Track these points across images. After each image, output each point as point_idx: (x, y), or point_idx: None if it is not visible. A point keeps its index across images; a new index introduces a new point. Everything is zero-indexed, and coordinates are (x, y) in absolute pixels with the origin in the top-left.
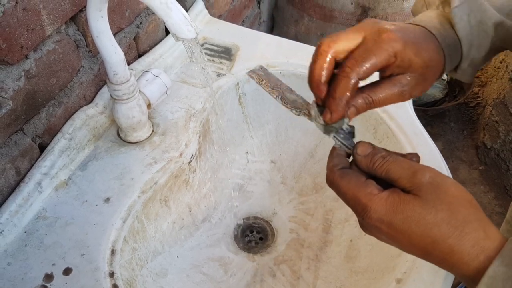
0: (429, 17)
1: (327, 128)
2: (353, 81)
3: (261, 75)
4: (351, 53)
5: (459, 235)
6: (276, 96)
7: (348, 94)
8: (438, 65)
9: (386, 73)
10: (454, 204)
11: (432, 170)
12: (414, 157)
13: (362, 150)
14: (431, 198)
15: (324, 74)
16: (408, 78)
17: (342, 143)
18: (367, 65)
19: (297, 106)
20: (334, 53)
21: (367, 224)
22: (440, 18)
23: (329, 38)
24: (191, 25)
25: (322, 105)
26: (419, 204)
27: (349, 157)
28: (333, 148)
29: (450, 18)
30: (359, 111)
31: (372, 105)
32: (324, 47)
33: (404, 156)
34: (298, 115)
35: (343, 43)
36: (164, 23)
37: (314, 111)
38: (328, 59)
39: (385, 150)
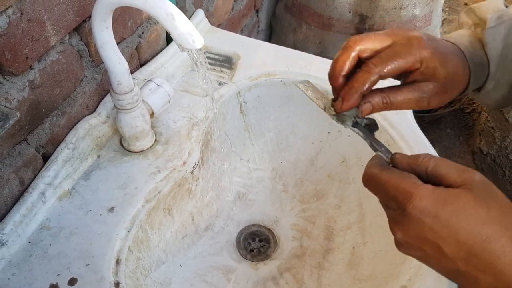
0: (460, 35)
1: (340, 117)
2: (373, 77)
3: (307, 87)
4: (377, 53)
5: (511, 235)
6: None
7: (364, 87)
8: (462, 79)
9: (409, 79)
10: (504, 206)
11: (479, 172)
12: None
13: (401, 155)
14: (484, 194)
15: (345, 68)
16: (430, 87)
17: (359, 134)
18: (392, 65)
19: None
20: (359, 50)
21: (406, 216)
22: (471, 37)
23: (358, 36)
24: (196, 35)
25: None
26: (472, 198)
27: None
28: (374, 155)
29: (482, 38)
30: (374, 109)
31: (388, 105)
32: (351, 43)
33: None
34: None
35: (371, 42)
36: (170, 34)
37: (327, 102)
38: (352, 54)
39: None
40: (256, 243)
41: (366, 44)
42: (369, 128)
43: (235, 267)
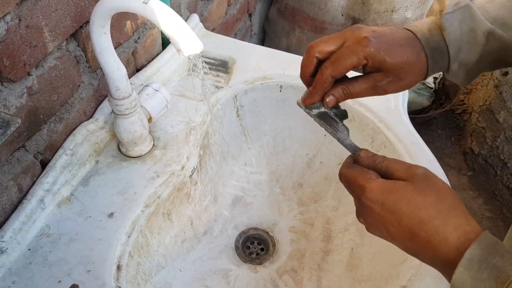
0: (422, 22)
1: (307, 108)
2: (326, 77)
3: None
4: (332, 53)
5: (444, 218)
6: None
7: (324, 86)
8: (416, 67)
9: (365, 71)
10: (441, 193)
11: (424, 167)
12: None
13: (364, 153)
14: (422, 184)
15: (309, 70)
16: (381, 76)
17: (320, 124)
18: (340, 66)
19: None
20: (317, 52)
21: (361, 205)
22: (431, 24)
23: (315, 41)
24: (195, 40)
25: None
26: (411, 187)
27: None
28: (349, 156)
29: (440, 23)
30: (338, 100)
31: (349, 95)
32: (309, 48)
33: None
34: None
35: (325, 45)
36: (169, 39)
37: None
38: (312, 58)
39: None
40: (255, 246)
41: (322, 47)
42: (340, 116)
43: (234, 271)
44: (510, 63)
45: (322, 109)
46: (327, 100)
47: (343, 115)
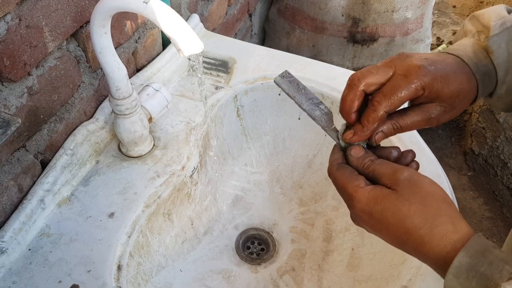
0: (464, 45)
1: (345, 144)
2: (380, 113)
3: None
4: (381, 85)
5: (429, 227)
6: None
7: (373, 125)
8: (469, 93)
9: (416, 102)
10: (427, 199)
11: (411, 170)
12: (410, 153)
13: (355, 152)
14: (406, 192)
15: (354, 106)
16: (437, 108)
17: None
18: (395, 99)
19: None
20: (364, 86)
21: (352, 213)
22: (474, 46)
23: (360, 72)
24: (196, 40)
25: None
26: (395, 197)
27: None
28: (335, 146)
29: (486, 46)
30: (386, 136)
31: (399, 130)
32: (355, 81)
33: (401, 154)
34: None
35: (374, 77)
36: (169, 38)
37: (338, 130)
38: (358, 92)
39: (375, 155)
40: (255, 246)
41: (369, 79)
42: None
43: (235, 271)
44: None
45: (362, 143)
46: (376, 137)
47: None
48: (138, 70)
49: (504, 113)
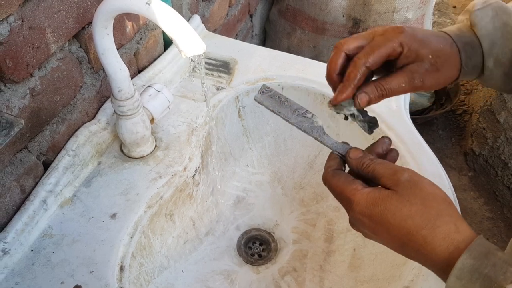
0: (450, 26)
1: (337, 107)
2: (361, 69)
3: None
4: (362, 48)
5: (431, 227)
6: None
7: (356, 79)
8: (451, 58)
9: (398, 65)
10: (428, 200)
11: (411, 170)
12: (392, 152)
13: (354, 154)
14: (406, 193)
15: (337, 67)
16: (419, 66)
17: (360, 123)
18: (374, 55)
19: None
20: (346, 49)
21: (351, 217)
22: (459, 25)
23: (344, 38)
24: (198, 41)
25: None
26: (395, 197)
27: (344, 163)
28: (331, 153)
29: (469, 20)
30: (371, 99)
31: (384, 92)
32: (338, 44)
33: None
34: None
35: (356, 40)
36: (172, 39)
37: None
38: (341, 54)
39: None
40: (257, 247)
41: (351, 44)
42: (369, 125)
43: (236, 272)
44: None
45: (352, 110)
46: (359, 97)
47: (373, 123)
48: (140, 71)
49: (501, 114)
